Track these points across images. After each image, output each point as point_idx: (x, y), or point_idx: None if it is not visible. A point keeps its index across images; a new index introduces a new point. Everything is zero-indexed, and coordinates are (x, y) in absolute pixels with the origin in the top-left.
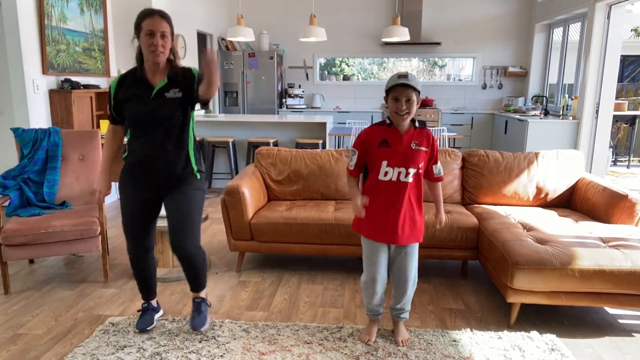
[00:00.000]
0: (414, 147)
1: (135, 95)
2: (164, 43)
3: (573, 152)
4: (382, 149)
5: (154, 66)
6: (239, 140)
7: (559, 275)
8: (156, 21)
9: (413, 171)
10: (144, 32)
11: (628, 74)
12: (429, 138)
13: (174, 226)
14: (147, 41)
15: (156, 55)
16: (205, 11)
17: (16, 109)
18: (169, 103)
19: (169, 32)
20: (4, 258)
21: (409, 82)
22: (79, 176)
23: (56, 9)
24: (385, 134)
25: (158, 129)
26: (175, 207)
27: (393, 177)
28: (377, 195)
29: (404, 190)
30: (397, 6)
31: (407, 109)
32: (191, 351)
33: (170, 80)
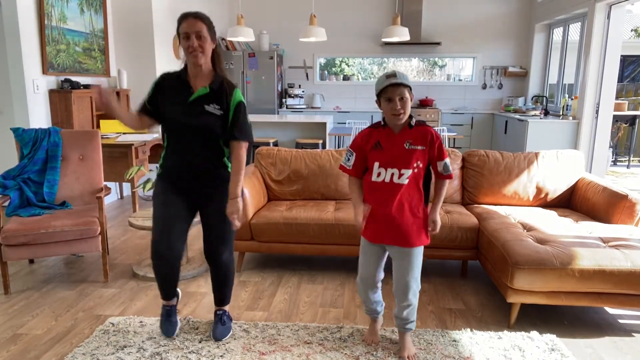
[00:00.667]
0: (408, 147)
1: (174, 94)
2: (201, 43)
3: (573, 152)
4: (375, 150)
5: (197, 70)
6: None
7: (559, 275)
8: (190, 22)
9: (408, 172)
10: (182, 36)
11: (628, 74)
12: (427, 135)
13: (211, 233)
14: (185, 44)
15: (195, 56)
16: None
17: (16, 109)
18: (206, 116)
19: (207, 32)
20: (4, 258)
21: (398, 80)
22: (79, 176)
23: (56, 9)
24: (379, 135)
25: (193, 135)
26: (213, 215)
27: (386, 178)
28: (370, 196)
29: (397, 192)
30: (397, 6)
31: (402, 107)
32: (191, 351)
33: (213, 92)
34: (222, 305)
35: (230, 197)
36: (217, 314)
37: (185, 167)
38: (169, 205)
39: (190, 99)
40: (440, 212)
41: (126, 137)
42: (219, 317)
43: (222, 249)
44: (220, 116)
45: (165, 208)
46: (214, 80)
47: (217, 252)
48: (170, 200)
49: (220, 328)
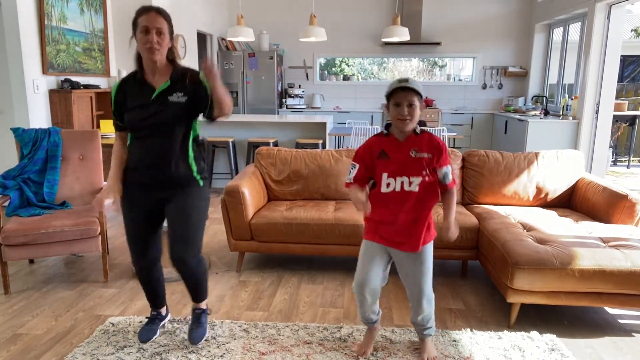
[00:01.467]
0: (414, 155)
1: (135, 98)
2: (160, 40)
3: (573, 152)
4: (381, 160)
5: (152, 65)
6: (239, 140)
7: (559, 275)
8: (151, 17)
9: (418, 180)
10: (139, 29)
11: (628, 74)
12: (431, 142)
13: (173, 237)
14: (142, 38)
15: (152, 52)
16: (205, 11)
17: (16, 109)
18: (171, 107)
19: (167, 29)
20: (4, 258)
21: (410, 85)
22: (79, 176)
23: (56, 9)
24: (384, 144)
25: (158, 133)
26: (175, 217)
27: (396, 187)
28: (380, 207)
29: (410, 200)
30: (397, 6)
31: (410, 114)
32: (191, 351)
33: (174, 83)
34: (198, 301)
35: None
36: (196, 313)
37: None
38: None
39: (153, 96)
40: (439, 212)
41: None
42: (196, 316)
43: (184, 253)
44: (184, 102)
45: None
46: (173, 72)
47: (179, 255)
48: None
49: (196, 332)
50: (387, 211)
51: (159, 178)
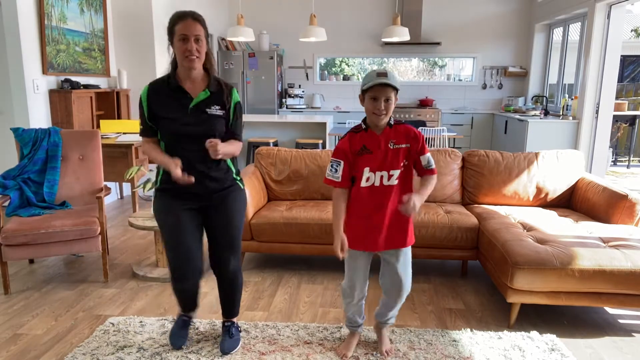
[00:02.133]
0: (392, 147)
1: (170, 106)
2: (199, 47)
3: (573, 152)
4: (364, 155)
5: (190, 73)
6: None
7: (559, 275)
8: (189, 24)
9: (396, 172)
10: (177, 37)
11: (628, 74)
12: (408, 133)
13: (219, 242)
14: (181, 46)
15: (191, 61)
16: (205, 11)
17: (16, 109)
18: (210, 120)
19: (204, 36)
20: (4, 258)
21: (388, 81)
22: (79, 176)
23: (56, 9)
24: (364, 139)
25: (197, 141)
26: (220, 222)
27: (375, 181)
28: (359, 202)
29: (388, 194)
30: (397, 6)
31: (386, 109)
32: (191, 351)
33: (213, 95)
34: (231, 316)
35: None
36: (226, 326)
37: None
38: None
39: (191, 105)
40: (439, 212)
41: (126, 137)
42: (227, 329)
43: (230, 258)
44: (222, 116)
45: (177, 232)
46: (210, 82)
47: (226, 262)
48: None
49: (228, 341)
50: (366, 206)
51: (204, 186)
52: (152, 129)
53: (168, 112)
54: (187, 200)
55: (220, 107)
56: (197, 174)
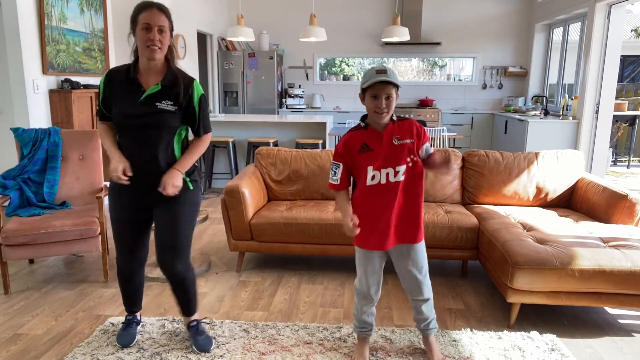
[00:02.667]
0: (397, 143)
1: (123, 95)
2: (162, 38)
3: (573, 152)
4: (364, 153)
5: (149, 64)
6: (239, 140)
7: (559, 275)
8: (154, 14)
9: (402, 168)
10: (140, 25)
11: (628, 74)
12: (412, 127)
13: (162, 244)
14: (143, 36)
15: (152, 51)
16: (205, 11)
17: (16, 109)
18: (158, 113)
19: (168, 27)
20: (4, 258)
21: (388, 78)
22: (79, 176)
23: (56, 9)
24: (364, 137)
25: (145, 134)
26: (163, 223)
27: (382, 179)
28: (367, 201)
29: (395, 191)
30: (397, 6)
31: (387, 106)
32: (191, 351)
33: (164, 89)
34: (189, 315)
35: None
36: (191, 326)
37: (138, 169)
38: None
39: (142, 98)
40: (439, 212)
41: None
42: (194, 329)
43: (174, 260)
44: (174, 112)
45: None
46: (165, 76)
47: (169, 263)
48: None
49: (200, 340)
50: (374, 205)
51: (146, 180)
52: (103, 113)
53: (119, 100)
54: (133, 190)
55: (173, 102)
56: (142, 164)
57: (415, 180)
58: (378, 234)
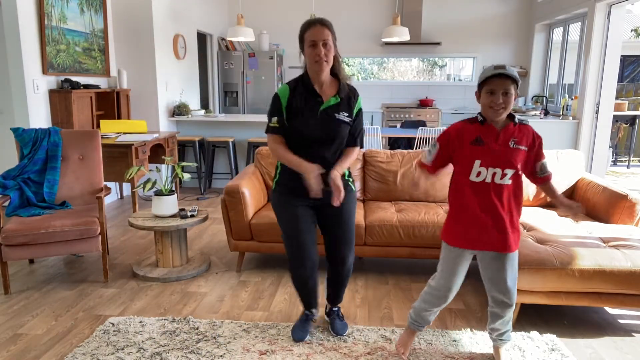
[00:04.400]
0: (512, 146)
1: (304, 107)
2: (327, 52)
3: (573, 152)
4: (476, 146)
5: (319, 78)
6: (239, 140)
7: (559, 275)
8: (318, 30)
9: (511, 172)
10: (307, 43)
11: (628, 74)
12: (530, 135)
13: (338, 237)
14: (311, 52)
15: (320, 65)
16: (205, 11)
17: (16, 109)
18: (338, 124)
19: (332, 40)
20: (4, 258)
21: (507, 72)
22: (79, 176)
23: (56, 9)
24: (479, 130)
25: (322, 143)
26: (338, 218)
27: (487, 178)
28: (468, 197)
29: (500, 193)
30: (397, 6)
31: (504, 102)
32: (191, 351)
33: (343, 102)
34: (337, 303)
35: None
36: (334, 311)
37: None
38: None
39: (321, 108)
40: (439, 212)
41: (126, 137)
42: (335, 314)
43: (349, 253)
44: (349, 123)
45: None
46: (340, 88)
47: (345, 255)
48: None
49: (339, 323)
50: (473, 203)
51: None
52: (285, 126)
53: (301, 110)
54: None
55: (348, 114)
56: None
57: (520, 187)
58: (471, 233)
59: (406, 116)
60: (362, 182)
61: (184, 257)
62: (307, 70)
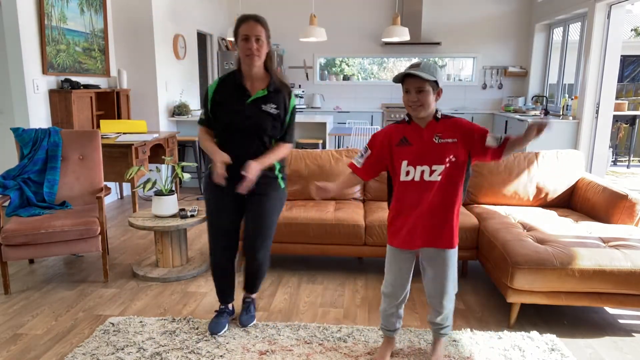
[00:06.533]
0: (437, 142)
1: (230, 100)
2: (259, 47)
3: (573, 152)
4: (402, 147)
5: (250, 71)
6: None
7: (559, 275)
8: (251, 26)
9: (440, 168)
10: (240, 37)
11: (628, 74)
12: (456, 126)
13: (252, 230)
14: (243, 46)
15: (251, 58)
16: (205, 11)
17: (16, 109)
18: (263, 115)
19: (265, 36)
20: (4, 258)
21: (416, 72)
22: (79, 176)
23: (56, 9)
24: (405, 131)
25: (248, 135)
26: (255, 211)
27: (416, 176)
28: (401, 198)
29: (429, 191)
30: (397, 6)
31: (419, 100)
32: (191, 351)
33: (270, 95)
34: (251, 292)
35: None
36: (246, 301)
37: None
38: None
39: (248, 101)
40: None
41: (126, 137)
42: (247, 305)
43: (260, 246)
44: (275, 115)
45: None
46: (270, 83)
47: (255, 248)
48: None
49: (246, 316)
50: (406, 202)
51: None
52: (210, 120)
53: (227, 103)
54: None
55: (276, 107)
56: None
57: (453, 182)
58: (408, 232)
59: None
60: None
61: (184, 257)
62: (240, 64)
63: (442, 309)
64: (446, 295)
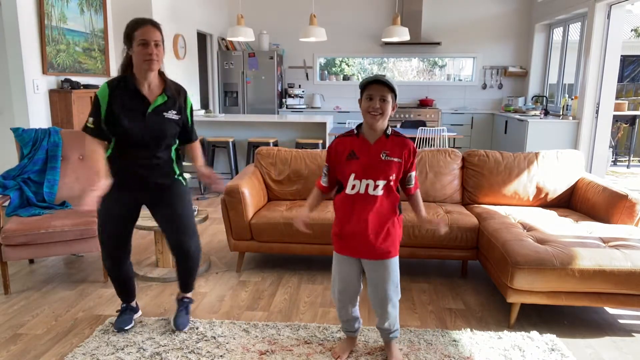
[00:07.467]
0: (384, 158)
1: (130, 109)
2: (158, 52)
3: (573, 152)
4: (350, 161)
5: (147, 76)
6: (239, 140)
7: (559, 275)
8: (149, 30)
9: (382, 183)
10: (137, 41)
11: (628, 74)
12: (404, 148)
13: (176, 227)
14: (142, 51)
15: (150, 64)
16: (205, 11)
17: (16, 109)
18: (167, 123)
19: (161, 41)
20: (4, 258)
21: (384, 79)
22: (79, 176)
23: (56, 9)
24: (353, 144)
25: (150, 144)
26: (172, 211)
27: (361, 189)
28: (345, 209)
29: (372, 204)
30: (397, 6)
31: (381, 108)
32: (191, 351)
33: (170, 100)
34: (188, 291)
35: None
36: (184, 301)
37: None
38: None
39: (149, 110)
40: (439, 212)
41: None
42: (185, 305)
43: (190, 240)
44: (177, 120)
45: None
46: (166, 87)
47: (186, 243)
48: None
49: (183, 318)
50: (350, 214)
51: (147, 183)
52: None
53: (126, 114)
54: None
55: (176, 112)
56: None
57: (392, 197)
58: (351, 242)
59: (406, 116)
60: None
61: None
62: (134, 70)
63: (388, 316)
64: (389, 302)
